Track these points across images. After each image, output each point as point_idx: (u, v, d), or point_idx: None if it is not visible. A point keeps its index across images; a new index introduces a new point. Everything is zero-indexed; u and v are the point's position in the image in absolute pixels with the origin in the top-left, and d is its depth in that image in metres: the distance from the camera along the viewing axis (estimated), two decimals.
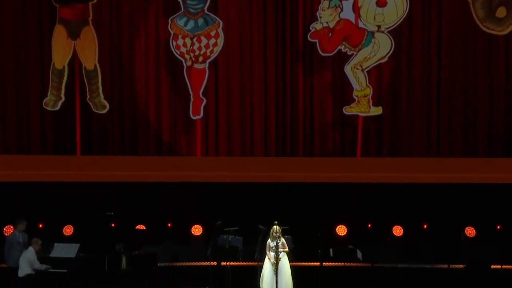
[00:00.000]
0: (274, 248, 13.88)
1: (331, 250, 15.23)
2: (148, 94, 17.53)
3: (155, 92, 17.53)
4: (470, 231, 17.38)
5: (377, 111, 17.38)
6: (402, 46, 17.35)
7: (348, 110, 17.38)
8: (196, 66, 17.40)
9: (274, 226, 13.97)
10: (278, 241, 13.86)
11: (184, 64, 17.41)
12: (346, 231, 17.55)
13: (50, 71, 17.41)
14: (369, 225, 17.52)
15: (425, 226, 17.61)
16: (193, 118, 17.52)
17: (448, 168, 17.23)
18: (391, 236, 17.42)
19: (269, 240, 14.02)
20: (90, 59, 17.33)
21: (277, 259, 13.75)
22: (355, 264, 15.99)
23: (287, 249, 13.95)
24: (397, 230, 17.54)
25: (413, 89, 17.46)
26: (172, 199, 17.53)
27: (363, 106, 17.31)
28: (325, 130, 17.39)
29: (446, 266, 16.56)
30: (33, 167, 17.18)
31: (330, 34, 17.19)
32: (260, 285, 13.97)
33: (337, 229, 17.62)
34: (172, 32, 17.39)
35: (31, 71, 17.44)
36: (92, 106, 17.53)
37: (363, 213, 17.45)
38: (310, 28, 17.29)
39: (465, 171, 17.17)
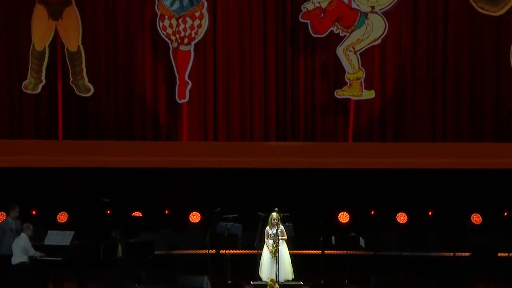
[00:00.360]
0: (272, 235, 13.88)
1: (333, 237, 15.20)
2: (136, 77, 17.49)
3: (142, 75, 17.49)
4: (476, 218, 17.43)
5: (369, 94, 17.37)
6: (407, 26, 17.36)
7: (339, 94, 17.36)
8: (182, 48, 17.39)
9: (273, 213, 13.99)
10: (277, 228, 13.86)
11: (170, 45, 17.40)
12: (348, 218, 17.58)
13: (30, 53, 17.33)
14: (372, 212, 17.52)
15: (430, 213, 17.65)
16: (179, 101, 17.51)
17: (454, 153, 17.21)
18: (395, 223, 17.46)
19: (267, 228, 14.03)
20: (73, 41, 17.24)
21: (275, 247, 13.77)
22: (357, 252, 16.01)
23: (285, 237, 13.95)
24: (401, 217, 17.58)
25: (418, 72, 17.46)
26: (169, 185, 17.51)
27: (355, 89, 17.29)
28: (316, 114, 17.44)
29: (451, 254, 16.61)
30: (24, 152, 17.17)
31: (322, 14, 17.19)
32: (260, 274, 14.00)
33: (339, 216, 17.64)
34: (159, 13, 17.38)
35: (12, 53, 17.37)
36: (75, 89, 17.45)
37: (366, 199, 17.44)
38: (302, 8, 17.29)
39: (471, 156, 17.15)
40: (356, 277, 15.03)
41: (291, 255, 14.34)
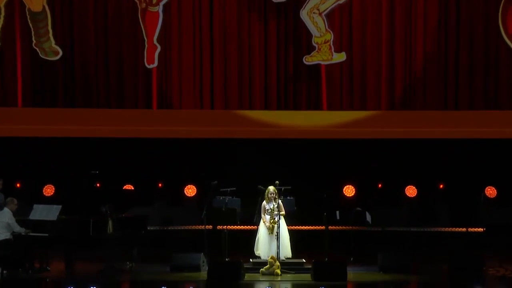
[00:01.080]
0: (269, 211, 13.87)
1: (337, 212, 15.22)
2: (106, 40, 17.47)
3: (114, 39, 17.48)
4: (490, 191, 17.46)
5: (340, 57, 17.37)
6: None
7: (308, 60, 17.40)
8: (150, 9, 17.35)
9: (270, 187, 13.97)
10: (274, 203, 13.86)
11: (138, 6, 17.38)
12: (354, 192, 17.63)
13: None
14: (380, 185, 17.55)
15: (441, 186, 17.69)
16: (148, 67, 17.53)
17: (467, 122, 17.27)
18: (403, 197, 17.51)
19: (264, 202, 14.01)
20: (36, 1, 17.04)
21: (273, 223, 13.76)
22: (363, 227, 15.98)
23: (283, 212, 13.92)
24: (410, 191, 17.64)
25: (428, 36, 17.45)
26: (163, 156, 17.53)
27: (324, 53, 17.28)
28: (286, 82, 17.53)
29: (464, 229, 16.63)
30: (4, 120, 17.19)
31: None
32: (255, 252, 14.02)
33: (344, 189, 17.70)
34: None
35: None
36: (40, 52, 17.32)
37: (373, 172, 17.47)
38: None
39: (485, 125, 17.19)
40: (362, 254, 15.05)
41: (293, 231, 14.36)
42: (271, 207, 13.86)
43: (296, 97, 17.56)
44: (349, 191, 17.61)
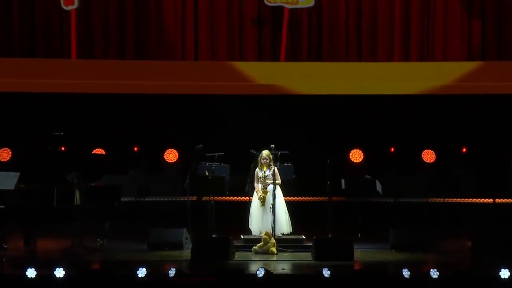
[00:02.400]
0: (263, 179, 13.88)
1: (343, 181, 15.23)
2: None
3: None
4: None
5: (308, 2, 17.58)
6: None
7: (271, 1, 17.70)
8: None
9: (264, 151, 13.97)
10: (268, 170, 13.84)
11: None
12: (362, 157, 17.76)
13: None
14: (392, 149, 17.67)
15: (464, 150, 17.80)
16: (65, 8, 17.67)
17: (494, 74, 17.35)
18: (420, 163, 17.64)
19: (257, 169, 14.03)
20: None
21: (264, 192, 13.78)
22: (373, 199, 16.04)
23: (279, 181, 13.93)
24: (428, 156, 17.75)
25: None
26: (139, 115, 17.68)
27: None
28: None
29: (490, 201, 16.68)
30: None
31: None
32: (249, 227, 14.08)
33: (351, 154, 17.83)
34: None
35: None
36: None
37: (384, 133, 17.62)
38: None
39: None
40: (371, 230, 15.09)
41: (291, 203, 14.38)
42: (265, 174, 13.86)
43: (295, 46, 17.74)
44: (356, 156, 17.76)
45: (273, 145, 14.04)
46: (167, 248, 13.63)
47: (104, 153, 17.09)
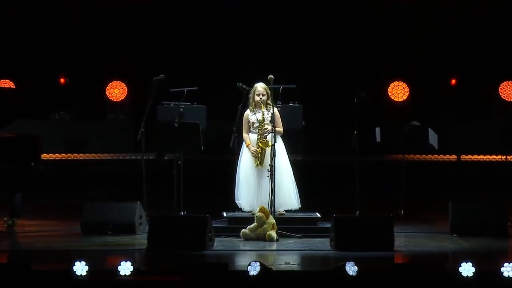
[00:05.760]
0: (257, 126, 13.75)
1: (377, 130, 15.02)
2: None
3: None
4: None
5: None
6: None
7: None
8: None
9: (257, 84, 13.83)
10: (265, 111, 13.68)
11: None
12: (407, 94, 17.89)
13: None
14: (453, 81, 17.73)
15: None
16: None
17: None
18: (496, 102, 17.75)
19: (247, 111, 13.93)
20: None
21: (264, 145, 13.57)
22: (423, 156, 16.16)
23: (281, 129, 13.84)
24: (509, 91, 17.91)
25: None
26: (68, 31, 17.73)
27: None
28: None
29: None
30: None
31: None
32: (236, 201, 14.00)
33: (390, 89, 18.04)
34: None
35: None
36: None
37: (441, 57, 17.78)
38: None
39: None
40: (421, 204, 15.24)
41: (298, 165, 14.23)
42: (259, 118, 13.66)
43: None
44: (398, 91, 17.85)
45: (271, 76, 13.78)
46: (111, 232, 13.45)
47: (14, 86, 17.21)
